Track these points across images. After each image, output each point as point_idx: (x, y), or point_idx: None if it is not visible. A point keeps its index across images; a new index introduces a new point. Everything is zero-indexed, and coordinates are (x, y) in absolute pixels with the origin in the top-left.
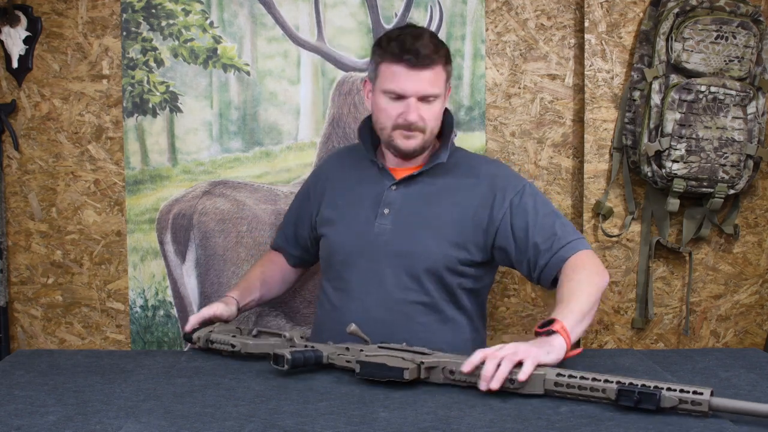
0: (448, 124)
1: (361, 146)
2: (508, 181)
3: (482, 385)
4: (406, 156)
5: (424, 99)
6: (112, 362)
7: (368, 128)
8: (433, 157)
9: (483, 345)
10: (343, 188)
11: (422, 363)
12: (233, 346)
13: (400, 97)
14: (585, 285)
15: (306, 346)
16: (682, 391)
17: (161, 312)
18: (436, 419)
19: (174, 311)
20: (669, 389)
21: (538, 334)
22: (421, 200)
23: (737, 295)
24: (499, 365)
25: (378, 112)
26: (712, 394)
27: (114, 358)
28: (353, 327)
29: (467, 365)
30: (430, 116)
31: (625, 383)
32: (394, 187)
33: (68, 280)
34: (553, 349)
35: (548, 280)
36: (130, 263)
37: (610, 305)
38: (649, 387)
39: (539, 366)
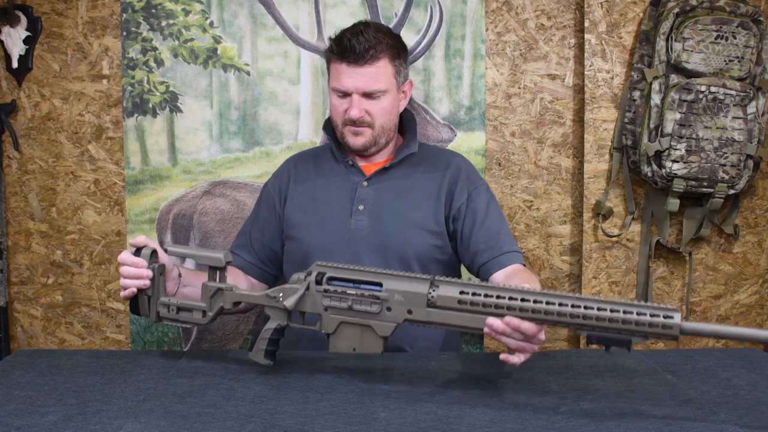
0: (409, 118)
1: (317, 149)
2: (469, 175)
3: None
4: (357, 153)
5: (369, 95)
6: (112, 362)
7: (331, 126)
8: (401, 149)
9: (458, 336)
10: (308, 189)
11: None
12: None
13: (345, 94)
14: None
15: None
16: (652, 315)
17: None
18: (436, 419)
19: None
20: (639, 312)
21: None
22: (394, 194)
23: (737, 295)
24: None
25: (330, 110)
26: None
27: (114, 358)
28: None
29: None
30: (377, 111)
31: (594, 312)
32: (365, 183)
33: (68, 280)
34: None
35: (486, 276)
36: None
37: None
38: (619, 312)
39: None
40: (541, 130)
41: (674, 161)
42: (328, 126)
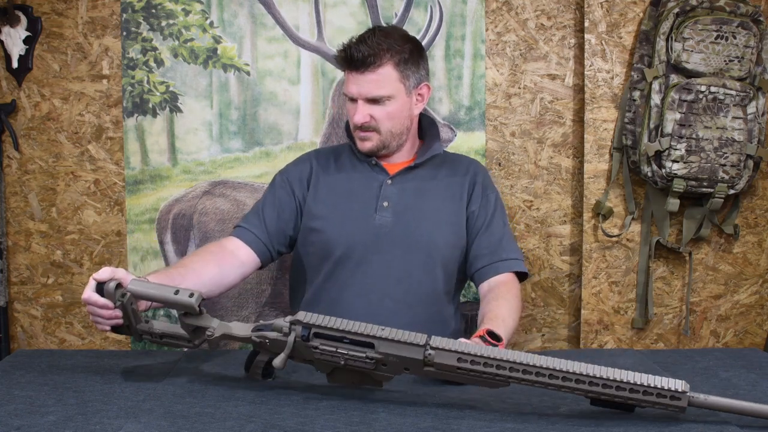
0: (429, 122)
1: (336, 147)
2: (484, 181)
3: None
4: (367, 156)
5: (374, 101)
6: (112, 362)
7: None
8: (425, 150)
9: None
10: (330, 183)
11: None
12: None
13: (353, 100)
14: (516, 314)
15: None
16: (659, 395)
17: (161, 312)
18: (436, 419)
19: (174, 311)
20: (645, 392)
21: (483, 339)
22: (417, 194)
23: (737, 295)
24: None
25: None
26: (689, 392)
27: (114, 358)
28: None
29: None
30: (382, 116)
31: (598, 389)
32: (390, 182)
33: (68, 280)
34: None
35: (479, 282)
36: (130, 263)
37: (610, 305)
38: (625, 390)
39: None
40: (541, 130)
41: (674, 161)
42: (348, 129)
